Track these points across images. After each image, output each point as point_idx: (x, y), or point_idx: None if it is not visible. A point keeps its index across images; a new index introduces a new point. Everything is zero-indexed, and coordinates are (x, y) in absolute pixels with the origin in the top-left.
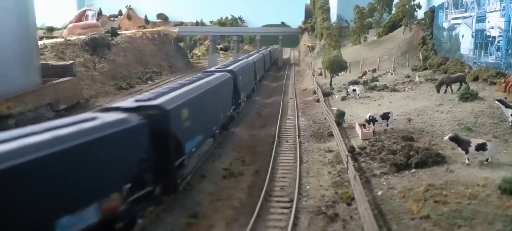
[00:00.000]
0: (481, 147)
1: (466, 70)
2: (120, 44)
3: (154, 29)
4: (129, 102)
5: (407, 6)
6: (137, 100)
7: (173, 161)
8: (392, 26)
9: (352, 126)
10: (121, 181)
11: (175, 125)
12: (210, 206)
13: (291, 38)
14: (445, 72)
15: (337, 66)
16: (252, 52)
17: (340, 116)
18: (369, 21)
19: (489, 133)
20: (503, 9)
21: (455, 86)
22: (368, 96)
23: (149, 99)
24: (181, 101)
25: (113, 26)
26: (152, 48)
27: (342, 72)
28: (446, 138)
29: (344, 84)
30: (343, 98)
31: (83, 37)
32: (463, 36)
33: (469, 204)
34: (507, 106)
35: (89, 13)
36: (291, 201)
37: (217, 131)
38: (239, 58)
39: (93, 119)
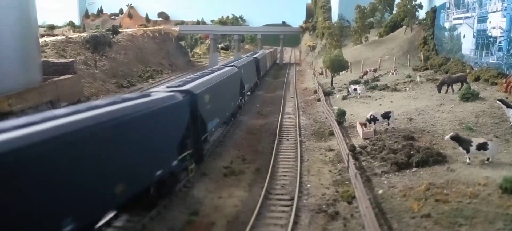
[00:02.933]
0: (482, 146)
1: (468, 71)
2: (121, 42)
3: (155, 27)
4: (162, 88)
5: (408, 6)
6: (168, 87)
7: (201, 135)
8: (394, 26)
9: (353, 125)
10: (174, 143)
11: (201, 106)
12: (211, 203)
13: (292, 38)
14: (446, 73)
15: (338, 65)
16: (233, 60)
17: (341, 115)
18: (370, 21)
19: (490, 132)
20: (505, 10)
21: (456, 86)
22: (369, 96)
23: (179, 85)
24: (204, 88)
25: (114, 25)
26: (153, 46)
27: (343, 71)
28: (447, 137)
29: (345, 84)
30: (344, 98)
31: (84, 35)
32: (464, 36)
33: (470, 203)
34: (508, 106)
35: None
36: (292, 199)
37: (229, 115)
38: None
39: (149, 95)
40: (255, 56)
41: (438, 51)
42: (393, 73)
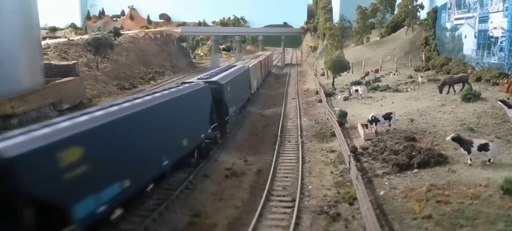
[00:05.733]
0: (483, 147)
1: (469, 71)
2: (122, 44)
3: (157, 29)
4: (195, 79)
5: (409, 6)
6: (200, 78)
7: (224, 116)
8: (395, 27)
9: (354, 126)
10: (208, 116)
11: (225, 94)
12: (213, 205)
13: (294, 39)
14: (448, 73)
15: (339, 66)
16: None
17: (342, 116)
18: (371, 22)
19: (491, 133)
20: (506, 10)
21: (457, 87)
22: (371, 97)
23: (208, 77)
24: (226, 80)
25: (116, 26)
26: (155, 48)
27: (345, 72)
28: (449, 138)
29: (346, 85)
30: (346, 99)
31: (86, 37)
32: (466, 36)
33: (471, 204)
34: (509, 106)
35: None
36: (293, 200)
37: (242, 105)
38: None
39: (190, 83)
40: (215, 79)
41: (439, 52)
42: (394, 74)
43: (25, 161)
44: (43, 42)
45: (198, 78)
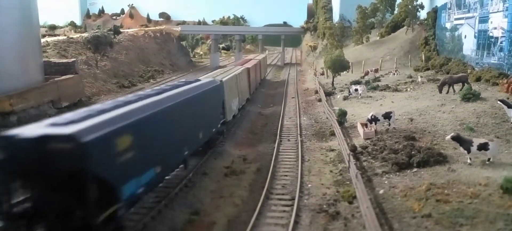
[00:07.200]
0: (483, 147)
1: (469, 71)
2: (122, 42)
3: (157, 27)
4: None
5: (409, 6)
6: (207, 77)
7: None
8: (395, 26)
9: (354, 125)
10: (218, 113)
11: (226, 91)
12: (212, 203)
13: (293, 38)
14: (448, 73)
15: (339, 66)
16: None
17: (342, 115)
18: (371, 21)
19: (491, 133)
20: (506, 10)
21: (457, 87)
22: (370, 96)
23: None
24: (226, 78)
25: (116, 25)
26: (154, 46)
27: (344, 72)
28: (448, 137)
29: (346, 84)
30: (345, 98)
31: (85, 35)
32: (465, 36)
33: (471, 203)
34: (509, 106)
35: None
36: (293, 199)
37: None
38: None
39: (199, 79)
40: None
41: (439, 52)
42: (394, 74)
43: (94, 145)
44: (42, 40)
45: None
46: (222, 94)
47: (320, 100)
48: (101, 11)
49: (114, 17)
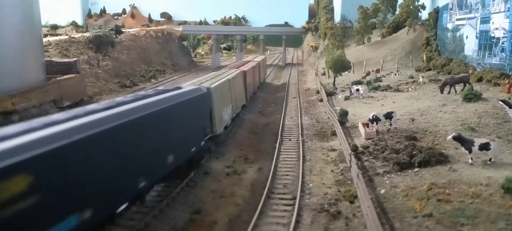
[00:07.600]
0: (484, 147)
1: (470, 71)
2: (124, 42)
3: (158, 27)
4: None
5: (411, 6)
6: (192, 84)
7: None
8: (396, 27)
9: (355, 125)
10: (203, 127)
11: (215, 100)
12: (213, 203)
13: (295, 38)
14: (449, 73)
15: (340, 66)
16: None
17: (343, 115)
18: (373, 22)
19: (492, 133)
20: (508, 10)
21: (458, 87)
22: (372, 96)
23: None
24: (215, 85)
25: (117, 24)
26: (156, 46)
27: (346, 72)
28: (450, 137)
29: (347, 84)
30: (347, 98)
31: (87, 34)
32: (467, 37)
33: (472, 203)
34: (510, 106)
35: None
36: (294, 198)
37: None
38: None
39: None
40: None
41: (440, 52)
42: (395, 74)
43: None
44: (44, 40)
45: (192, 84)
46: (209, 104)
47: (321, 100)
48: (103, 11)
49: (116, 17)
